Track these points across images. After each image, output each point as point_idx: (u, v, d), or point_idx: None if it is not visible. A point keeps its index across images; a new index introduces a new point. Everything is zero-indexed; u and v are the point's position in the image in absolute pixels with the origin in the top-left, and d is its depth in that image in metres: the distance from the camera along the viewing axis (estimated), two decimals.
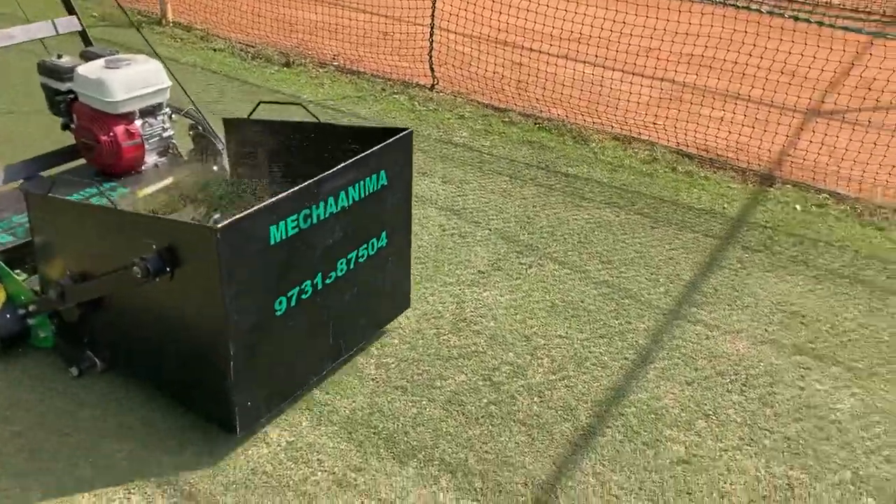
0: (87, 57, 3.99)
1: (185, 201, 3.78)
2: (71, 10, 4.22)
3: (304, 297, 2.96)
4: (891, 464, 3.08)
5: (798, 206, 5.11)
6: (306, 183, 2.82)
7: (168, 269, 2.72)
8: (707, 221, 4.87)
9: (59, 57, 3.95)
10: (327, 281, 3.06)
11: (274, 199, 2.71)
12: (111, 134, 3.82)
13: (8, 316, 3.32)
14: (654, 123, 6.02)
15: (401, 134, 3.23)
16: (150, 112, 3.97)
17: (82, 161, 4.09)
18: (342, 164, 2.95)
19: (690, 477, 2.97)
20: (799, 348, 3.72)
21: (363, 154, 3.05)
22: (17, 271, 3.35)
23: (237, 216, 2.60)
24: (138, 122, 3.92)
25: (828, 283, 4.27)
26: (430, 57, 6.82)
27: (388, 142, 3.17)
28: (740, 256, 4.47)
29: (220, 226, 2.52)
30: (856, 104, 6.26)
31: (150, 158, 4.06)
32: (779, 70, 5.85)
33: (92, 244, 3.04)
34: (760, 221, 4.91)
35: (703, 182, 5.42)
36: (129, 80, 3.79)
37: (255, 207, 2.65)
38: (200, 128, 4.17)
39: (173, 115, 4.13)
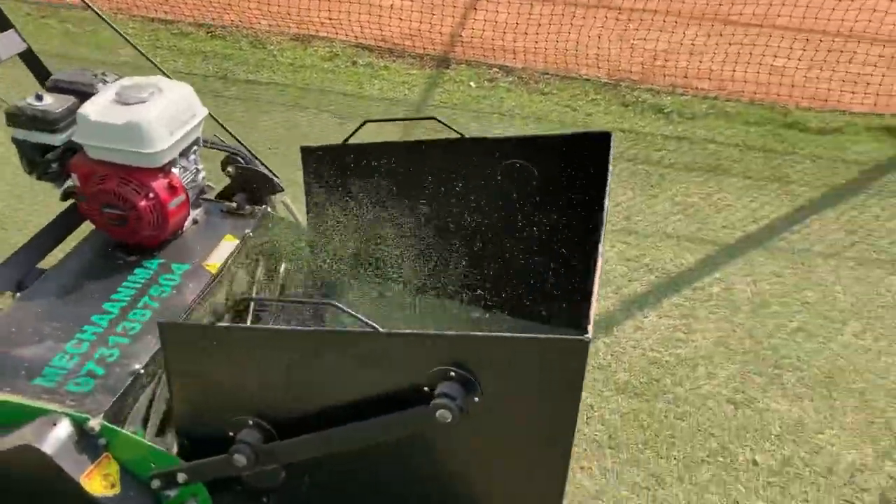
0: (73, 90, 2.71)
1: (271, 271, 2.85)
2: (5, 24, 2.91)
3: None
4: None
5: (473, 84, 5.41)
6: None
7: (477, 398, 1.89)
8: (391, 110, 5.00)
9: (39, 98, 2.65)
10: None
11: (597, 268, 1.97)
12: (151, 195, 2.58)
13: (132, 494, 2.17)
14: (330, 19, 5.98)
15: (609, 141, 2.44)
16: (183, 153, 2.77)
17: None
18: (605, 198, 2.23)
19: None
20: None
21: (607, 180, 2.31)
22: (133, 428, 2.24)
23: (591, 306, 1.84)
24: (176, 170, 2.70)
25: None
26: None
27: (610, 156, 2.38)
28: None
29: (588, 335, 1.76)
30: None
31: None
32: None
33: (313, 383, 2.08)
34: (440, 102, 5.14)
35: (384, 72, 5.53)
36: (166, 117, 2.56)
37: (595, 291, 1.90)
38: (242, 160, 3.00)
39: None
